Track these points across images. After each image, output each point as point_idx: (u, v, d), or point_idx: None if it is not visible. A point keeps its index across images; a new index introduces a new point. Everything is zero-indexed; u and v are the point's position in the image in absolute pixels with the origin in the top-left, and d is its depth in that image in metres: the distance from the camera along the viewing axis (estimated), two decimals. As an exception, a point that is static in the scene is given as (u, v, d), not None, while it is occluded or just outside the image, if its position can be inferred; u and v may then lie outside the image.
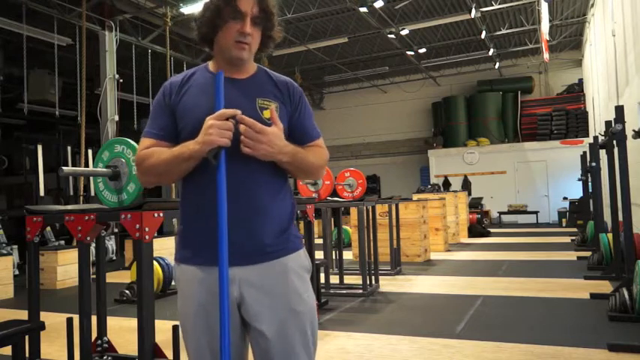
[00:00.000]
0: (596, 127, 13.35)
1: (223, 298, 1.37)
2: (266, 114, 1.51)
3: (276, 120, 1.46)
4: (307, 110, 1.64)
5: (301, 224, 4.95)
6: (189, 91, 1.55)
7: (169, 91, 1.57)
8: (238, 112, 1.42)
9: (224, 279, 1.38)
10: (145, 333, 2.45)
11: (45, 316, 3.06)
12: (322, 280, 5.64)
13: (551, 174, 16.87)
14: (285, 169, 1.55)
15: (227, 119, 1.40)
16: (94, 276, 3.42)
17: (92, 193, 8.54)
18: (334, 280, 6.24)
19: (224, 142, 1.38)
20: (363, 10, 12.23)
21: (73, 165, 10.97)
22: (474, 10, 12.36)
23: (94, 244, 4.15)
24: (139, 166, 1.54)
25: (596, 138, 7.79)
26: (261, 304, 1.49)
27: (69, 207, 3.17)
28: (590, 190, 9.41)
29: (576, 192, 14.29)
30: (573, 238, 10.79)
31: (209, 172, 1.43)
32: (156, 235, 2.55)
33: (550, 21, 12.71)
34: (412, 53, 16.21)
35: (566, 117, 16.82)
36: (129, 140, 2.95)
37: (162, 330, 3.35)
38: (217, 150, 1.40)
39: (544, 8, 11.39)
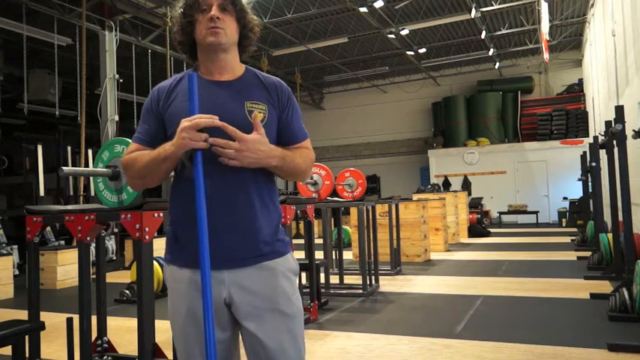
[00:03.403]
0: (596, 127, 13.35)
1: (207, 300, 1.37)
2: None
3: (258, 126, 1.45)
4: (296, 111, 1.63)
5: (301, 224, 4.95)
6: (177, 97, 1.55)
7: (157, 98, 1.59)
8: (215, 117, 1.41)
9: (206, 280, 1.38)
10: (145, 333, 2.45)
11: (45, 316, 3.06)
12: (322, 280, 5.63)
13: (551, 174, 16.87)
14: (272, 172, 1.56)
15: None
16: (94, 276, 3.42)
17: (92, 193, 8.54)
18: (334, 280, 6.24)
19: (197, 145, 1.38)
20: (363, 10, 12.23)
21: (73, 165, 10.98)
22: (473, 10, 12.36)
23: (94, 244, 4.15)
24: (126, 170, 1.57)
25: (596, 138, 7.79)
26: (250, 305, 1.50)
27: (69, 207, 3.17)
28: (590, 190, 9.41)
29: (576, 192, 14.29)
30: (573, 238, 10.78)
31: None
32: (156, 235, 2.55)
33: (550, 21, 12.71)
34: (412, 53, 16.22)
35: (566, 117, 16.82)
36: (129, 140, 2.94)
37: (162, 330, 3.35)
38: (191, 152, 1.41)
39: (544, 8, 11.40)
